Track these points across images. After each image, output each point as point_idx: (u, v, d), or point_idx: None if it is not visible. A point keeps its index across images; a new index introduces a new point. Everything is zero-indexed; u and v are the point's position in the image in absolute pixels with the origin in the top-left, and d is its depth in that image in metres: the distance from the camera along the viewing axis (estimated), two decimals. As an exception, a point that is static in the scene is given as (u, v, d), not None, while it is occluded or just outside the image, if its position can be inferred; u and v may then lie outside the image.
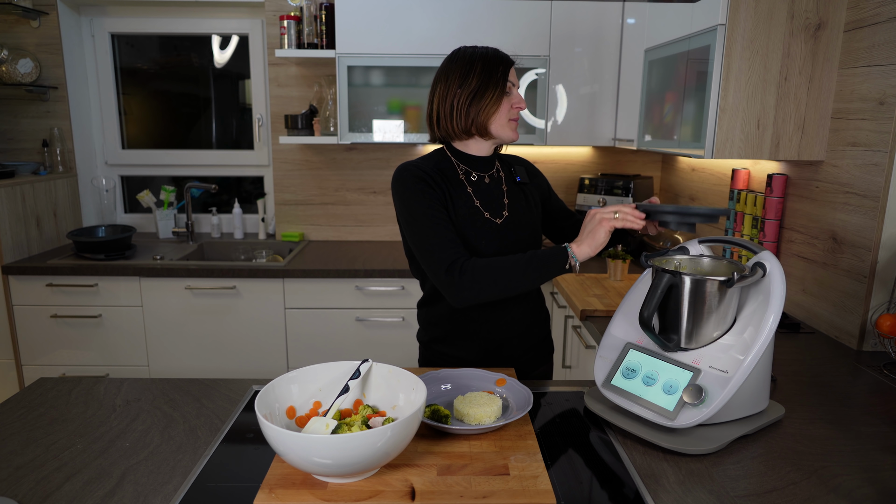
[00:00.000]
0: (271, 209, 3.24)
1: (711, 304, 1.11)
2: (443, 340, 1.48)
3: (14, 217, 2.60)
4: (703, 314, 1.12)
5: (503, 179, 1.47)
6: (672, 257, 1.25)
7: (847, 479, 1.01)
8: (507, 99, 1.38)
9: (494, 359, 1.47)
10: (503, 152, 1.54)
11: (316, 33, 2.74)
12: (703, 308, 1.11)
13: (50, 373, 2.64)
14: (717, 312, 1.11)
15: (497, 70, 1.37)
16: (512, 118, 1.40)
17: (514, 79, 1.41)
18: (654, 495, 0.96)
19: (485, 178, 1.44)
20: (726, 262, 1.21)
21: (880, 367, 1.52)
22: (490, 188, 1.44)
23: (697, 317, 1.12)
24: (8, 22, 2.86)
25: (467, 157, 1.43)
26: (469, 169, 1.43)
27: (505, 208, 1.43)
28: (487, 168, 1.45)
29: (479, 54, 1.37)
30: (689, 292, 1.11)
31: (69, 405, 1.24)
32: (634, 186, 2.77)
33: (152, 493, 0.95)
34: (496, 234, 1.40)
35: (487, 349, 1.46)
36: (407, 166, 1.38)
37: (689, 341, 1.14)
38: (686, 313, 1.12)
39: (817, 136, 1.78)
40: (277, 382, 1.03)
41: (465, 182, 1.41)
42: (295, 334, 2.63)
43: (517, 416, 1.09)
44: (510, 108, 1.39)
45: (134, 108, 3.23)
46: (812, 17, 1.71)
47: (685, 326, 1.13)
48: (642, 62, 2.35)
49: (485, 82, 1.35)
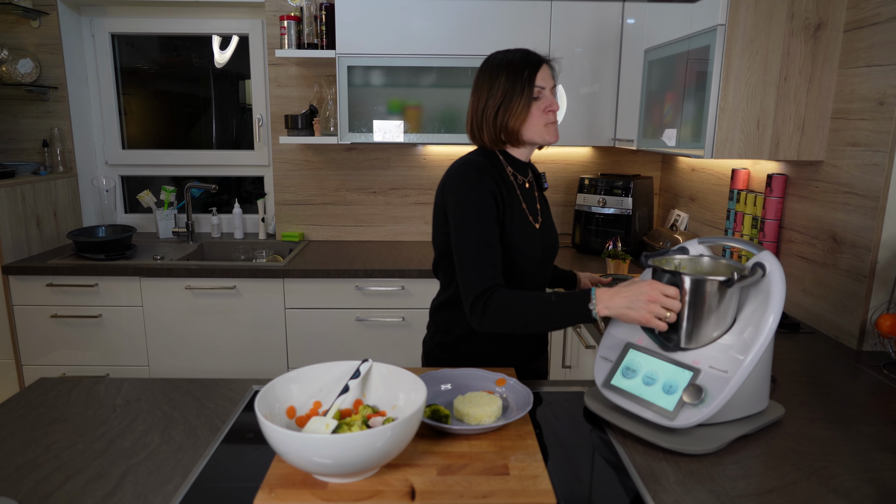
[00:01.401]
0: (271, 209, 3.24)
1: (711, 304, 1.11)
2: (467, 340, 1.47)
3: (14, 217, 2.60)
4: (702, 314, 1.12)
5: (534, 185, 1.49)
6: (672, 257, 1.24)
7: (847, 479, 1.01)
8: (538, 104, 1.36)
9: (509, 353, 1.48)
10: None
11: (316, 33, 2.74)
12: (702, 308, 1.11)
13: (50, 373, 2.64)
14: (716, 312, 1.11)
15: (522, 75, 1.34)
16: (549, 122, 1.38)
17: (547, 79, 1.38)
18: (654, 495, 0.96)
19: (525, 183, 1.45)
20: (726, 262, 1.21)
21: (880, 367, 1.52)
22: (530, 192, 1.46)
23: (697, 317, 1.12)
24: (8, 22, 2.86)
25: (513, 160, 1.44)
26: (515, 172, 1.44)
27: (539, 214, 1.46)
28: (525, 172, 1.47)
29: (505, 61, 1.36)
30: (688, 292, 1.11)
31: (69, 405, 1.24)
32: (634, 186, 2.77)
33: (152, 493, 0.95)
34: (538, 238, 1.42)
35: (503, 344, 1.47)
36: (474, 163, 1.35)
37: (689, 341, 1.14)
38: (686, 313, 1.13)
39: (817, 136, 1.78)
40: (277, 382, 1.03)
41: (515, 184, 1.42)
42: (295, 334, 2.63)
43: (517, 416, 1.09)
44: (543, 112, 1.37)
45: (134, 108, 3.23)
46: (812, 17, 1.71)
47: (685, 326, 1.13)
48: (642, 62, 2.35)
49: (510, 90, 1.34)
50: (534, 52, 1.39)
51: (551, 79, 1.40)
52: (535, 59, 1.38)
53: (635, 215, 2.81)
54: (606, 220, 2.83)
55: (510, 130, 1.36)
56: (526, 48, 1.41)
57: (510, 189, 1.39)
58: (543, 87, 1.37)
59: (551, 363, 2.62)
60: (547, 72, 1.38)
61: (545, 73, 1.38)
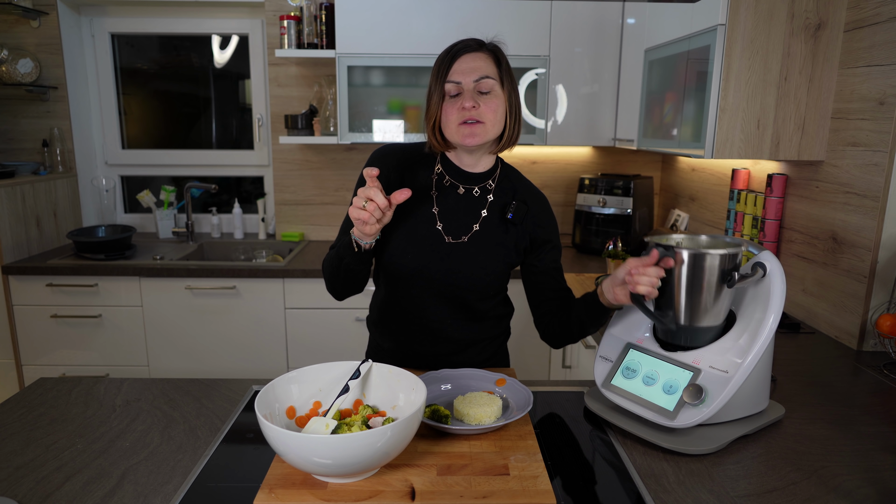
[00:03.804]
0: (271, 209, 3.24)
1: (709, 282, 1.09)
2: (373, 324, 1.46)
3: (14, 217, 2.60)
4: (700, 291, 1.10)
5: (487, 204, 1.30)
6: (670, 237, 1.23)
7: (847, 479, 1.01)
8: (452, 101, 1.20)
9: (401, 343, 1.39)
10: (525, 178, 1.37)
11: (316, 33, 2.74)
12: (700, 285, 1.10)
13: (50, 373, 2.64)
14: (713, 291, 1.10)
15: (439, 70, 1.20)
16: (462, 121, 1.19)
17: (469, 72, 1.19)
18: (654, 495, 0.96)
19: (458, 189, 1.30)
20: (724, 240, 1.20)
21: (880, 367, 1.52)
22: (464, 203, 1.29)
23: (694, 294, 1.11)
24: (8, 22, 2.86)
25: (451, 166, 1.30)
26: (450, 178, 1.30)
27: (469, 234, 1.28)
28: (470, 181, 1.30)
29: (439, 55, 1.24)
30: (686, 268, 1.10)
31: (69, 405, 1.24)
32: (634, 186, 2.77)
33: (152, 493, 0.95)
34: (439, 252, 1.27)
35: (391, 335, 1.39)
36: (390, 145, 1.32)
37: (685, 318, 1.13)
38: (684, 290, 1.11)
39: (817, 136, 1.77)
40: (277, 382, 1.03)
41: (435, 186, 1.30)
42: (295, 334, 2.63)
43: (517, 416, 1.09)
44: (457, 111, 1.19)
45: (134, 108, 3.23)
46: (812, 17, 1.71)
47: (683, 302, 1.12)
48: (642, 62, 2.35)
49: (429, 88, 1.22)
50: (460, 42, 1.22)
51: (481, 69, 1.19)
52: (455, 49, 1.21)
53: (635, 215, 2.81)
54: (606, 220, 2.83)
55: (433, 131, 1.24)
56: (468, 38, 1.24)
57: (423, 188, 1.28)
58: (460, 82, 1.19)
59: (551, 363, 2.63)
60: (472, 62, 1.19)
61: (467, 65, 1.19)
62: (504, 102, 1.23)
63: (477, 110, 1.19)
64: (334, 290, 1.33)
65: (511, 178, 1.35)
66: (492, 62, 1.22)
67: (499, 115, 1.22)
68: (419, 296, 1.31)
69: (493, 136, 1.23)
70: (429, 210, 1.28)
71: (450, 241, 1.28)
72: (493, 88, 1.21)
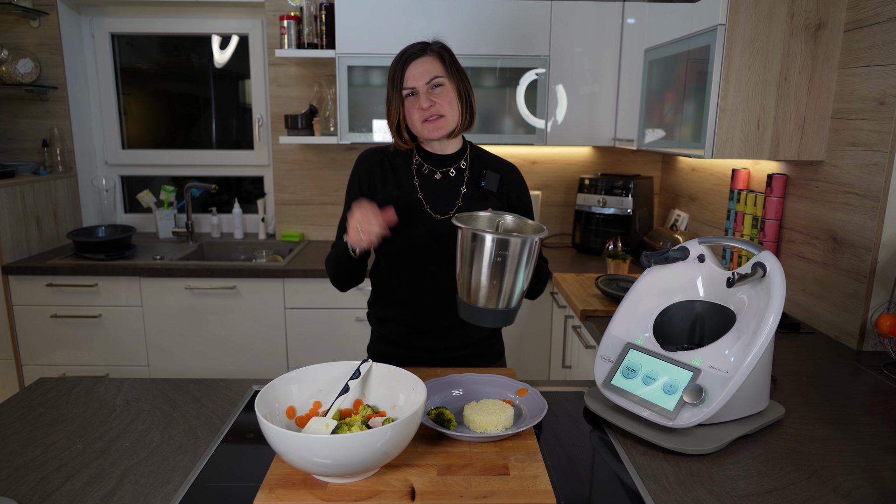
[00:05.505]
0: (271, 209, 3.24)
1: (479, 259, 1.13)
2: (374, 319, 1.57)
3: (14, 217, 2.60)
4: (470, 265, 1.15)
5: (465, 181, 1.45)
6: (477, 215, 1.28)
7: (847, 479, 1.01)
8: (411, 100, 1.35)
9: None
10: (495, 154, 1.51)
11: (316, 33, 2.74)
12: (469, 259, 1.14)
13: (50, 373, 2.64)
14: (483, 269, 1.13)
15: (394, 77, 1.36)
16: (424, 119, 1.35)
17: (421, 75, 1.33)
18: (654, 495, 0.96)
19: (436, 174, 1.44)
20: (531, 225, 1.25)
21: (880, 367, 1.52)
22: (441, 183, 1.44)
23: (464, 265, 1.16)
24: (8, 22, 2.86)
25: (425, 153, 1.45)
26: (426, 163, 1.45)
27: (454, 209, 1.42)
28: (444, 164, 1.45)
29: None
30: (460, 240, 1.16)
31: (69, 405, 1.24)
32: (634, 186, 2.77)
33: (152, 493, 0.95)
34: (424, 224, 1.41)
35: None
36: (368, 150, 1.48)
37: (461, 292, 1.18)
38: (458, 262, 1.17)
39: (817, 136, 1.78)
40: (277, 382, 1.03)
41: (415, 173, 1.44)
42: (295, 334, 2.63)
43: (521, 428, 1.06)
44: (418, 110, 1.35)
45: (134, 108, 3.23)
46: (812, 17, 1.71)
47: (461, 275, 1.17)
48: (642, 62, 2.35)
49: (389, 93, 1.37)
50: (407, 50, 1.36)
51: (430, 71, 1.34)
52: (403, 58, 1.35)
53: (635, 215, 2.81)
54: (606, 220, 2.83)
55: (397, 132, 1.39)
56: (415, 42, 1.38)
57: (406, 178, 1.43)
58: (414, 87, 1.34)
59: (551, 363, 2.63)
60: (420, 67, 1.34)
61: (417, 70, 1.34)
62: (455, 93, 1.38)
63: (434, 107, 1.34)
64: (338, 284, 1.50)
65: (482, 157, 1.50)
66: (438, 62, 1.36)
67: (454, 105, 1.37)
68: (417, 266, 1.43)
69: (455, 123, 1.39)
70: (414, 196, 1.43)
71: (438, 217, 1.43)
72: (444, 83, 1.36)
